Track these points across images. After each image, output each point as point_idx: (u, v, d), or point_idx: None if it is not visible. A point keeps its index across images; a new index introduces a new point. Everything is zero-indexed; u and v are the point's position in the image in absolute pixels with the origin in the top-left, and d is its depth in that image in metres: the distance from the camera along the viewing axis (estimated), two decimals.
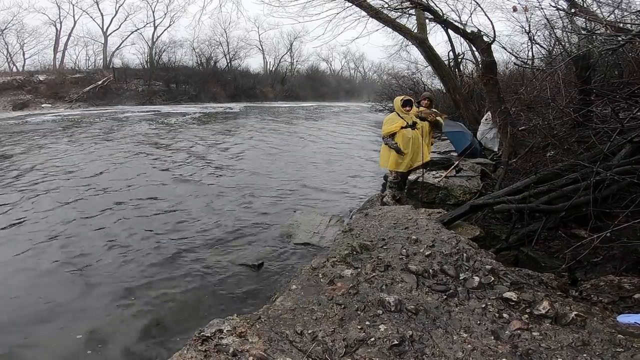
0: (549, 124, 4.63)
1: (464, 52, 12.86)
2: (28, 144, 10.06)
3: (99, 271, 3.54)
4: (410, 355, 1.48)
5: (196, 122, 16.68)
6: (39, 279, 3.39)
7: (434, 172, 5.06)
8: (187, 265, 3.68)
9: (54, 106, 23.06)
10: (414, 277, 2.03)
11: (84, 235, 4.31)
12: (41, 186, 6.13)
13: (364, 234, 2.67)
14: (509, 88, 7.76)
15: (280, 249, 4.11)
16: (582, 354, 1.48)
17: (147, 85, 28.98)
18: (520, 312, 1.76)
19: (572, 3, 5.24)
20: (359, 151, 10.50)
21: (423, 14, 8.95)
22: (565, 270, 2.57)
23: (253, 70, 38.94)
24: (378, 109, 21.40)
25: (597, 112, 3.98)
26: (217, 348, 1.43)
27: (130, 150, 9.42)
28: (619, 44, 2.95)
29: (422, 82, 15.58)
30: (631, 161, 3.04)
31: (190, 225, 4.69)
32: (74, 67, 29.73)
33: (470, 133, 6.79)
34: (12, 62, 28.05)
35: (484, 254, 2.35)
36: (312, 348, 1.47)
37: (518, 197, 3.29)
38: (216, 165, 8.08)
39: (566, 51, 5.53)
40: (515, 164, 4.86)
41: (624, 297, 2.03)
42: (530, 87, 5.88)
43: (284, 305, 1.77)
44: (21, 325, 2.74)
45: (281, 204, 5.62)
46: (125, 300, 3.08)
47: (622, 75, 4.26)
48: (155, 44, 32.90)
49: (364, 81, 48.02)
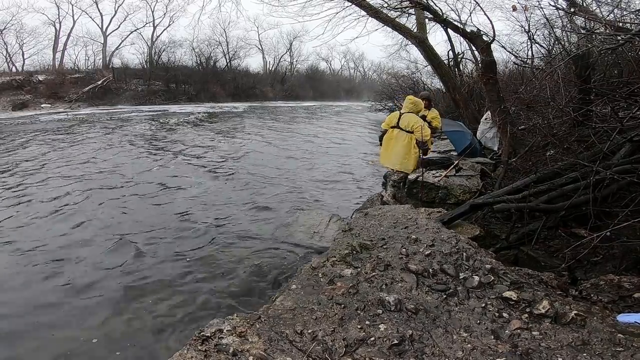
0: (548, 123, 4.63)
1: (464, 51, 12.85)
2: (39, 142, 10.06)
3: (99, 271, 3.54)
4: (410, 354, 1.48)
5: (198, 122, 16.67)
6: (34, 278, 3.39)
7: (434, 171, 5.06)
8: (187, 265, 3.68)
9: (53, 106, 23.01)
10: (414, 277, 2.03)
11: (83, 235, 4.31)
12: (38, 188, 6.13)
13: (364, 233, 2.67)
14: (509, 87, 7.76)
15: (280, 249, 4.11)
16: (582, 354, 1.48)
17: (146, 85, 28.95)
18: (520, 311, 1.77)
19: (572, 2, 5.24)
20: (360, 151, 10.50)
21: (422, 14, 8.95)
22: (565, 269, 2.57)
23: (253, 70, 38.97)
24: (378, 109, 21.39)
25: (597, 112, 3.98)
26: (217, 348, 1.43)
27: (131, 151, 9.41)
28: (618, 43, 2.95)
29: (422, 82, 15.57)
30: (631, 160, 3.04)
31: (190, 225, 4.69)
32: (73, 67, 29.69)
33: (470, 132, 6.79)
34: (11, 62, 28.03)
35: (484, 254, 2.35)
36: (312, 348, 1.47)
37: (518, 197, 3.29)
38: (216, 165, 8.08)
39: (566, 50, 5.54)
40: (515, 163, 4.85)
41: (623, 297, 2.03)
42: (530, 87, 5.89)
43: (283, 305, 1.77)
44: (19, 324, 2.74)
45: (281, 203, 5.62)
46: (124, 300, 3.08)
47: (621, 74, 4.26)
48: (154, 44, 32.92)
49: (364, 81, 47.99)
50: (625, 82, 3.58)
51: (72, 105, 23.68)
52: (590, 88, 4.02)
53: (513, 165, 4.88)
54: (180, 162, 8.27)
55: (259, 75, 38.61)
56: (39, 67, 27.92)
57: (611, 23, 3.53)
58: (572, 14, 4.75)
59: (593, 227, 2.52)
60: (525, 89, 6.01)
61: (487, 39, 6.21)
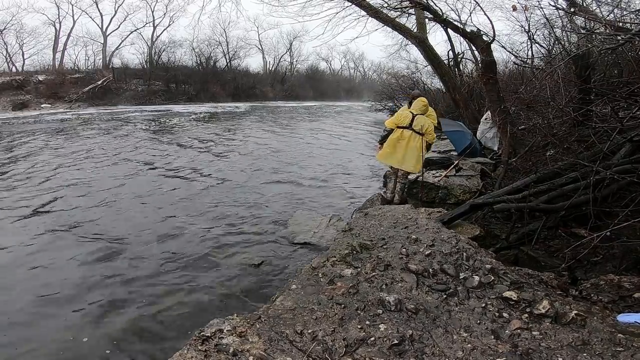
0: (548, 123, 4.63)
1: (464, 51, 12.87)
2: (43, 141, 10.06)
3: (98, 271, 3.54)
4: (410, 354, 1.48)
5: (198, 122, 16.67)
6: (31, 274, 3.39)
7: (434, 171, 5.07)
8: (187, 265, 3.68)
9: (53, 106, 23.00)
10: (414, 277, 2.03)
11: (83, 236, 4.31)
12: (47, 184, 6.14)
13: (364, 233, 2.67)
14: (509, 87, 7.77)
15: (280, 249, 4.11)
16: (582, 353, 1.48)
17: (146, 85, 28.94)
18: (520, 311, 1.77)
19: (572, 2, 5.25)
20: (360, 150, 10.49)
21: (422, 14, 8.96)
22: (565, 269, 2.57)
23: (253, 70, 38.90)
24: (378, 109, 21.39)
25: (597, 111, 3.98)
26: (217, 348, 1.43)
27: (128, 148, 9.41)
28: (618, 43, 2.95)
29: (422, 82, 15.58)
30: (631, 160, 3.05)
31: (190, 225, 4.69)
32: (73, 67, 29.64)
33: (470, 132, 6.80)
34: (11, 62, 27.99)
35: (484, 253, 2.35)
36: (312, 348, 1.47)
37: (518, 197, 3.30)
38: (217, 165, 8.08)
39: (566, 50, 5.54)
40: (515, 163, 4.86)
41: (623, 297, 2.03)
42: (530, 87, 5.90)
43: (284, 305, 1.77)
44: (18, 323, 2.74)
45: (281, 203, 5.62)
46: (125, 300, 3.08)
47: (621, 74, 4.26)
48: (154, 44, 32.88)
49: (364, 81, 48.00)
50: (625, 82, 3.58)
51: (72, 106, 23.67)
52: (590, 88, 4.03)
53: (513, 165, 4.89)
54: (180, 162, 8.26)
55: (259, 75, 38.60)
56: (39, 67, 27.92)
57: (611, 23, 3.53)
58: (572, 14, 4.75)
59: (593, 227, 2.53)
60: (525, 89, 6.02)
61: (487, 39, 6.22)
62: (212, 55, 34.25)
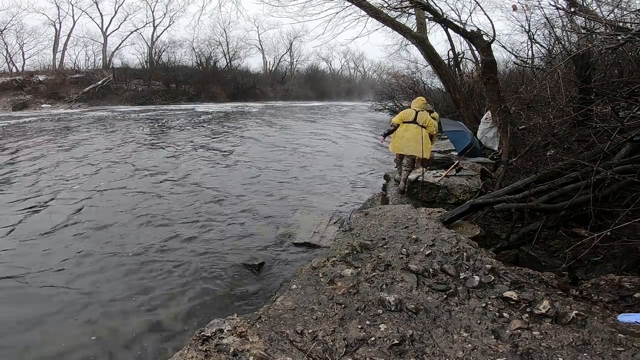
0: (549, 123, 4.63)
1: (464, 51, 12.87)
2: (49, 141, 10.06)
3: (99, 271, 3.54)
4: (411, 354, 1.48)
5: (198, 121, 16.68)
6: (30, 276, 3.39)
7: (434, 171, 5.07)
8: (187, 265, 3.68)
9: (53, 106, 23.02)
10: (414, 277, 2.03)
11: (83, 236, 4.31)
12: (45, 190, 6.14)
13: (364, 233, 2.67)
14: (509, 87, 7.77)
15: (280, 249, 4.11)
16: (582, 353, 1.48)
17: (146, 85, 28.96)
18: (521, 311, 1.76)
19: (572, 2, 5.25)
20: (360, 150, 10.50)
21: (423, 13, 8.96)
22: (566, 269, 2.57)
23: (253, 70, 38.96)
24: (378, 109, 21.40)
25: (597, 111, 3.98)
26: (218, 348, 1.43)
27: (128, 148, 9.42)
28: (618, 43, 2.95)
29: (422, 82, 15.58)
30: (631, 160, 3.04)
31: (191, 225, 4.69)
32: (73, 67, 29.65)
33: (470, 132, 6.79)
34: (11, 62, 27.99)
35: (484, 253, 2.35)
36: (313, 347, 1.47)
37: (518, 196, 3.30)
38: (217, 165, 8.08)
39: (566, 50, 5.54)
40: (516, 163, 4.86)
41: (624, 296, 2.03)
42: (530, 86, 5.89)
43: (284, 305, 1.77)
44: (20, 322, 2.75)
45: (281, 203, 5.62)
46: (125, 300, 3.08)
47: (621, 74, 4.26)
48: (154, 44, 32.92)
49: (364, 80, 48.01)
50: (625, 81, 3.58)
51: (72, 106, 23.68)
52: (591, 88, 4.02)
53: (513, 165, 4.88)
54: (180, 162, 8.27)
55: (259, 75, 38.63)
56: (39, 67, 27.93)
57: (611, 23, 3.53)
58: (572, 13, 4.75)
59: (593, 227, 2.53)
60: (526, 89, 6.02)
61: (487, 38, 6.22)
62: (212, 55, 34.31)
